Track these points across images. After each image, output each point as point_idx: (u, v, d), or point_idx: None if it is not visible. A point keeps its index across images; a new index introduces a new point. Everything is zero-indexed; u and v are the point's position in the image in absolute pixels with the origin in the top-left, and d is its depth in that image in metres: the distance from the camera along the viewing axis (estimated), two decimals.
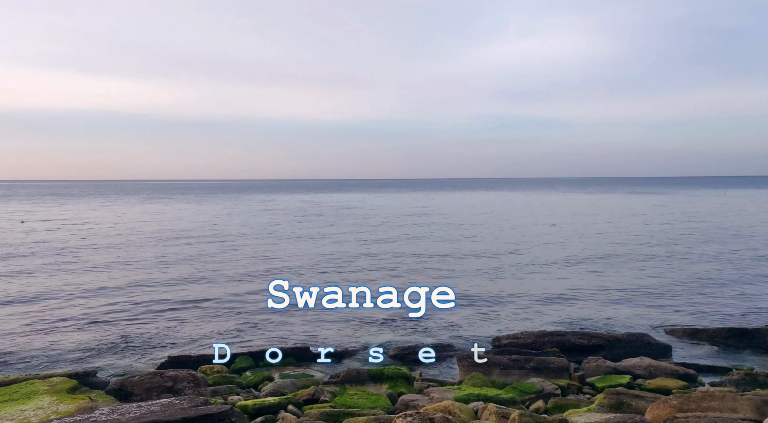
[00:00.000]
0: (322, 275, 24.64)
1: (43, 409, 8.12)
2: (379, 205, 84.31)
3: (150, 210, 74.58)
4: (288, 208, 77.93)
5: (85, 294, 20.57)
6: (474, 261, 29.02)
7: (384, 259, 29.56)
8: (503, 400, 9.19)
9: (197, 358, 13.09)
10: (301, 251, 32.52)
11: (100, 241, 37.67)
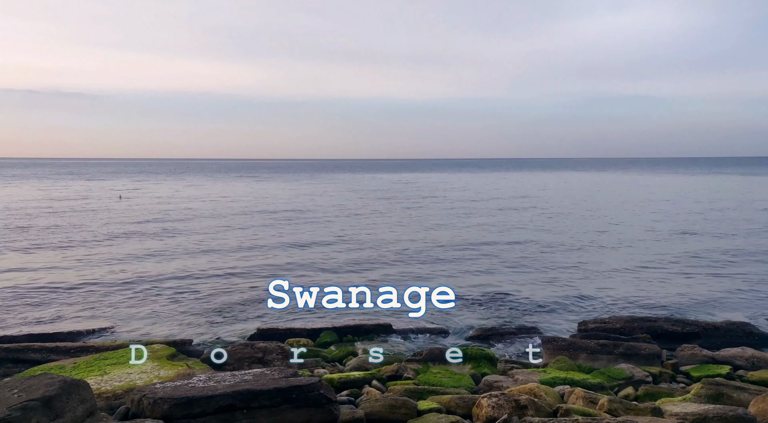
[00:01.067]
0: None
1: (146, 373, 8.68)
2: (477, 186, 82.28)
3: (245, 187, 77.47)
4: (380, 188, 78.11)
5: (182, 267, 21.73)
6: (560, 239, 28.29)
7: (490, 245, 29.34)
8: (590, 384, 8.96)
9: (284, 331, 13.57)
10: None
11: (200, 216, 39.58)
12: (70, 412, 5.80)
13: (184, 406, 6.18)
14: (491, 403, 7.13)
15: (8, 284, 18.57)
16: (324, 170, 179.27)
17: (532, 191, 69.83)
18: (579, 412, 6.98)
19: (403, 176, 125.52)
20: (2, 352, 10.20)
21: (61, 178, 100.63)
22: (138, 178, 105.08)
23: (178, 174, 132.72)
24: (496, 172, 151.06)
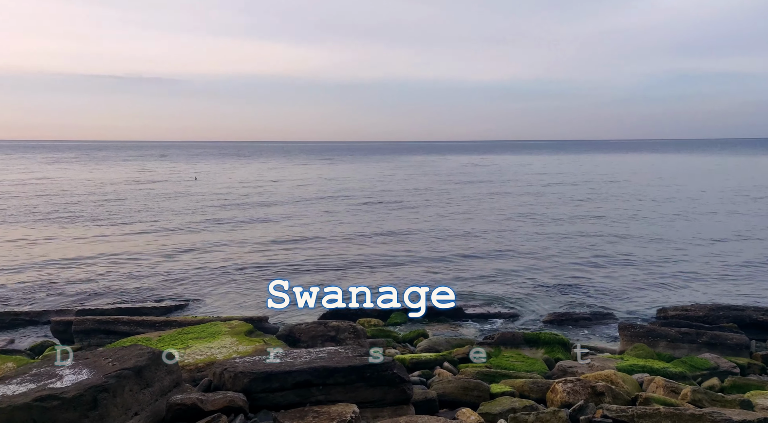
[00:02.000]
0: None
1: (225, 348, 9.03)
2: (556, 169, 78.67)
3: (322, 170, 78.84)
4: (459, 172, 77.05)
5: (255, 245, 22.40)
6: (642, 226, 27.27)
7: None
8: (672, 373, 8.63)
9: (356, 311, 13.77)
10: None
11: (280, 198, 40.64)
12: (159, 382, 6.11)
13: (263, 381, 6.38)
14: (566, 389, 7.00)
15: (98, 260, 19.71)
16: (396, 152, 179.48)
17: (621, 175, 66.78)
18: (660, 401, 6.74)
19: (475, 158, 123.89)
20: (95, 324, 10.86)
21: (145, 160, 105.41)
22: (217, 161, 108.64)
23: (255, 156, 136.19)
24: (570, 155, 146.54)
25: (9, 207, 34.36)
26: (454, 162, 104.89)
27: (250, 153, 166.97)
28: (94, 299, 15.10)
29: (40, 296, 15.45)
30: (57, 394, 5.25)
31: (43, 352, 10.80)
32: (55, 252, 21.14)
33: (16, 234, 24.95)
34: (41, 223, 28.04)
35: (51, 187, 48.84)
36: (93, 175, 64.73)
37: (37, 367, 6.19)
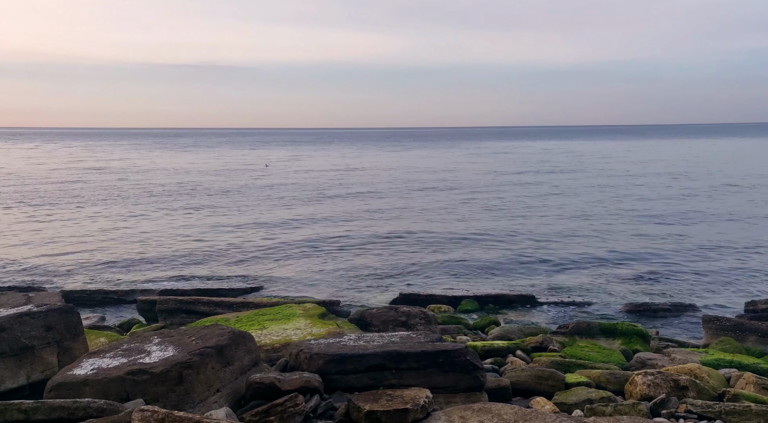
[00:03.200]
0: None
1: (300, 330, 9.25)
2: (643, 158, 72.77)
3: (394, 156, 79.25)
4: (545, 159, 75.27)
5: (333, 230, 22.79)
6: (730, 213, 25.90)
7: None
8: (763, 370, 8.17)
9: (426, 297, 13.81)
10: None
11: (354, 185, 41.19)
12: (239, 361, 6.34)
13: (338, 363, 6.50)
14: (647, 381, 6.76)
15: (179, 242, 20.60)
16: (469, 138, 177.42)
17: (711, 162, 63.00)
18: (750, 398, 6.40)
19: (555, 144, 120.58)
20: (177, 304, 11.37)
21: (221, 147, 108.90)
22: (288, 148, 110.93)
23: (326, 143, 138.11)
24: (651, 140, 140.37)
25: (105, 190, 36.36)
26: (530, 148, 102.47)
27: (321, 140, 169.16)
28: (176, 280, 15.81)
29: (127, 276, 16.32)
30: (146, 369, 5.54)
31: (131, 328, 11.42)
32: (139, 233, 22.22)
33: (109, 215, 26.40)
34: (129, 206, 29.54)
35: (139, 171, 51.28)
36: (173, 162, 67.47)
37: (128, 343, 6.54)
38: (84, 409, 4.77)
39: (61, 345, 7.16)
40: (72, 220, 25.49)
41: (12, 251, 19.30)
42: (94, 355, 6.30)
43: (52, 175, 47.45)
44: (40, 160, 69.97)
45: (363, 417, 5.67)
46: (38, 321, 7.03)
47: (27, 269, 17.04)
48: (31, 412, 4.66)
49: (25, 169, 53.88)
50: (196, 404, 5.59)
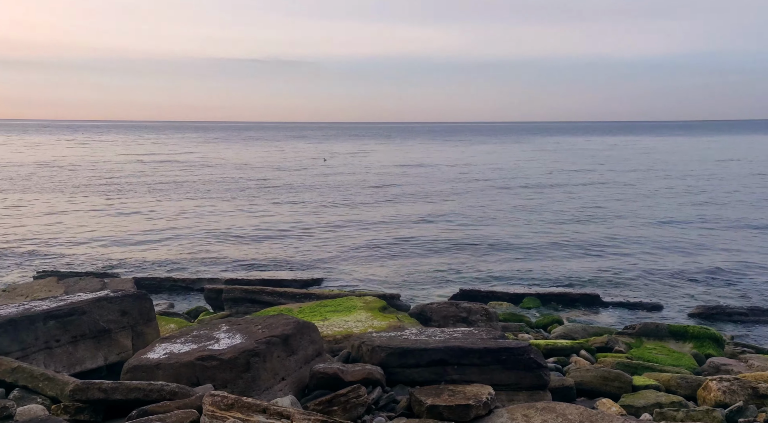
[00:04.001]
0: None
1: (361, 322, 9.34)
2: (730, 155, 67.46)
3: (450, 151, 78.91)
4: (620, 156, 70.94)
5: (392, 224, 22.89)
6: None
7: None
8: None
9: (486, 293, 13.68)
10: None
11: (418, 178, 41.27)
12: (303, 351, 6.46)
13: (399, 356, 6.53)
14: (722, 388, 6.47)
15: (244, 232, 21.16)
16: (534, 133, 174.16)
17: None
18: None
19: (623, 140, 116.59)
20: (242, 293, 11.68)
21: (284, 141, 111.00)
22: (351, 142, 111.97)
23: (387, 138, 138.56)
24: (740, 136, 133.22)
25: (175, 183, 37.75)
26: (598, 144, 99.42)
27: (382, 134, 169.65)
28: (241, 270, 16.25)
29: (194, 265, 16.90)
30: (215, 355, 5.72)
31: (198, 316, 11.81)
32: (206, 224, 22.95)
33: (179, 206, 27.41)
34: (197, 197, 30.55)
35: (207, 164, 52.93)
36: (239, 155, 69.23)
37: (197, 330, 6.78)
38: (158, 391, 4.97)
39: (135, 329, 7.49)
40: (146, 210, 26.57)
41: (90, 238, 20.30)
42: (166, 340, 6.56)
43: (126, 167, 49.55)
44: (118, 151, 73.15)
45: (425, 411, 5.67)
46: (115, 306, 7.38)
47: (102, 256, 17.88)
48: (110, 391, 4.90)
49: (103, 160, 56.49)
50: (262, 391, 5.74)
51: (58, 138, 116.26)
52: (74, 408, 4.95)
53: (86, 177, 41.10)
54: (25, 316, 6.59)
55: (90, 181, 38.23)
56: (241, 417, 4.29)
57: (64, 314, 6.82)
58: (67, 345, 6.78)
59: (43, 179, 39.35)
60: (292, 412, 4.35)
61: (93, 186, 35.90)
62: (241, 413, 4.33)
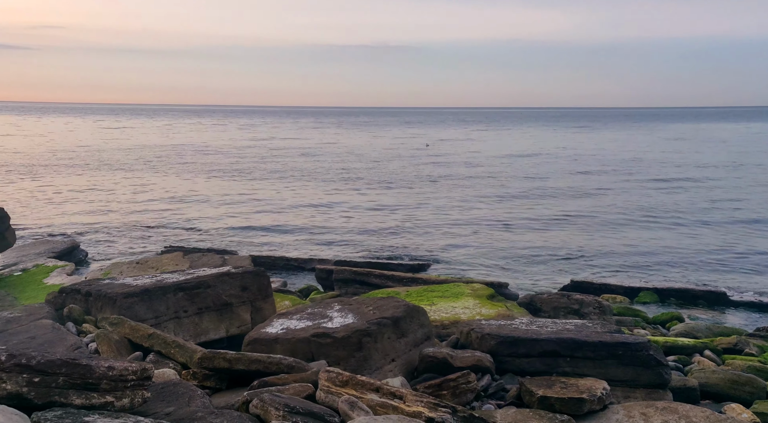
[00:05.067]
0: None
1: (469, 309, 9.30)
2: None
3: (572, 138, 76.37)
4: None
5: (500, 212, 22.56)
6: None
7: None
8: None
9: (599, 285, 13.13)
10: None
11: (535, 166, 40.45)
12: (412, 334, 6.53)
13: (510, 345, 6.44)
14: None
15: (349, 215, 21.67)
16: (652, 119, 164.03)
17: None
18: None
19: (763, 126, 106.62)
20: (351, 275, 11.99)
21: (392, 126, 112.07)
22: (457, 128, 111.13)
23: (495, 123, 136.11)
24: None
25: (293, 167, 39.32)
26: (730, 132, 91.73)
27: (489, 119, 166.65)
28: (349, 251, 16.67)
29: (305, 245, 17.54)
30: (329, 333, 5.92)
31: (309, 294, 12.26)
32: (311, 207, 23.72)
33: (295, 189, 28.55)
34: (306, 181, 31.64)
35: (320, 150, 54.60)
36: (349, 140, 70.73)
37: (311, 308, 7.03)
38: (277, 364, 5.21)
39: (254, 304, 7.90)
40: (257, 191, 27.87)
41: (213, 216, 21.60)
42: (283, 316, 6.86)
43: (246, 151, 52.09)
44: (240, 135, 77.06)
45: (536, 401, 5.56)
46: (236, 281, 7.81)
47: (220, 233, 18.98)
48: (233, 361, 5.20)
49: (223, 143, 59.79)
50: (373, 371, 5.87)
51: (183, 122, 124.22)
52: (202, 375, 5.31)
53: (208, 161, 43.66)
54: (158, 287, 7.14)
55: (213, 164, 40.58)
56: (355, 394, 4.41)
57: (191, 287, 7.32)
58: (193, 316, 7.28)
59: (173, 160, 42.30)
60: (404, 393, 4.41)
61: (214, 168, 38.08)
62: (356, 390, 4.45)
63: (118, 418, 3.61)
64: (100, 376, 3.83)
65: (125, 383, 3.97)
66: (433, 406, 4.26)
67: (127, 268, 12.23)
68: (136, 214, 22.07)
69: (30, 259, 13.28)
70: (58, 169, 35.88)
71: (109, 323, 6.25)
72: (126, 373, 3.97)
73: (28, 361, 3.68)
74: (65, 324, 6.70)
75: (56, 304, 7.36)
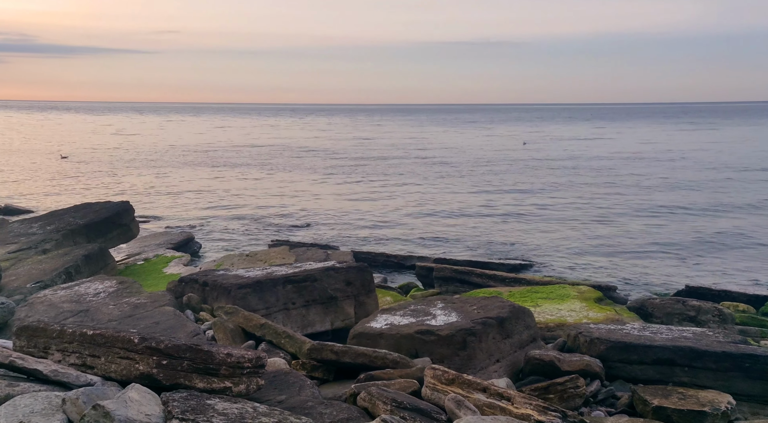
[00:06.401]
0: None
1: (575, 312, 8.98)
2: None
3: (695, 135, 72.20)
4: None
5: (607, 212, 21.66)
6: None
7: None
8: None
9: (718, 292, 12.24)
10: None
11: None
12: (518, 335, 6.41)
13: (621, 350, 6.16)
14: None
15: (446, 212, 21.56)
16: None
17: None
18: None
19: None
20: (452, 273, 11.93)
21: (495, 124, 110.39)
22: (562, 125, 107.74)
23: (601, 119, 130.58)
24: None
25: (392, 166, 39.83)
26: None
27: (597, 117, 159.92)
28: (449, 249, 16.59)
29: (403, 242, 17.65)
30: (433, 330, 5.92)
31: (409, 291, 12.32)
32: (411, 204, 23.81)
33: (397, 185, 28.88)
34: (410, 179, 31.86)
35: (419, 147, 54.88)
36: (450, 138, 70.44)
37: (414, 304, 7.07)
38: (382, 359, 5.28)
39: (357, 299, 8.05)
40: (358, 187, 28.38)
41: (315, 211, 22.26)
42: (387, 311, 6.94)
43: (349, 149, 53.27)
44: (348, 134, 78.86)
45: (650, 412, 5.29)
46: (341, 275, 8.00)
47: (324, 228, 19.50)
48: (340, 354, 5.33)
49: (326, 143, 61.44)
50: (477, 370, 5.81)
51: (291, 120, 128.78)
52: (310, 365, 5.48)
53: (317, 158, 45.01)
54: (269, 279, 7.44)
55: (316, 160, 41.81)
56: (462, 393, 4.39)
57: (299, 280, 7.57)
58: (300, 308, 7.53)
59: (286, 158, 44.01)
60: (512, 394, 4.33)
61: (315, 165, 39.21)
62: (462, 389, 4.42)
63: (237, 403, 3.79)
64: (219, 362, 4.04)
65: (242, 370, 4.16)
66: (542, 410, 4.16)
67: (238, 260, 12.83)
68: (244, 208, 23.14)
69: (151, 249, 14.27)
70: (176, 165, 38.31)
71: (225, 312, 6.59)
72: (243, 360, 4.16)
73: (157, 344, 3.95)
74: (184, 311, 7.14)
75: (176, 292, 7.86)
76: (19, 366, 4.04)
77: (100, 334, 4.16)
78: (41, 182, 29.71)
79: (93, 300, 7.54)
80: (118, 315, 6.84)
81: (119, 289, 7.84)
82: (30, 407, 3.40)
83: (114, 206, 12.86)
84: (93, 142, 59.37)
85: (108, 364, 4.04)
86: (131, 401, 3.42)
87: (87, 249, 10.17)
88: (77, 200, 21.04)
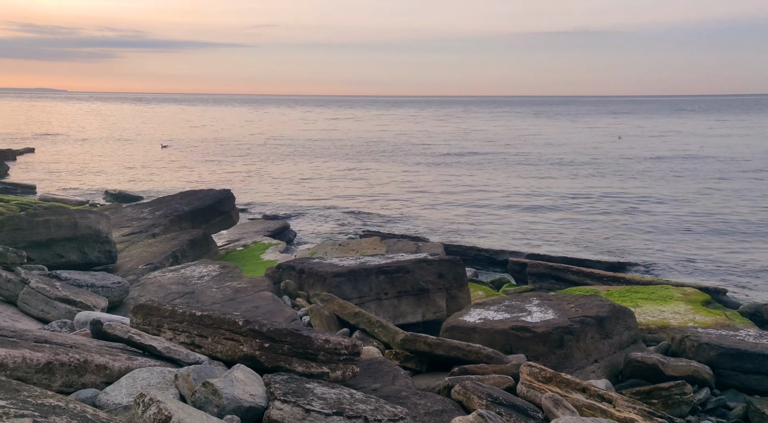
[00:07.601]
0: None
1: (680, 314, 8.49)
2: None
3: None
4: None
5: (710, 209, 20.36)
6: None
7: None
8: None
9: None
10: None
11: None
12: (617, 336, 6.14)
13: (734, 358, 5.77)
14: None
15: (539, 208, 20.99)
16: None
17: None
18: None
19: None
20: (547, 269, 11.62)
21: (596, 116, 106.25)
22: (669, 118, 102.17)
23: (716, 112, 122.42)
24: None
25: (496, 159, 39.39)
26: None
27: (712, 108, 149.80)
28: (542, 244, 16.16)
29: (494, 236, 17.37)
30: (529, 327, 5.79)
31: (501, 287, 12.11)
32: (502, 197, 23.37)
33: (492, 178, 28.52)
34: (503, 172, 31.33)
35: (516, 141, 53.85)
36: (542, 130, 68.60)
37: (508, 300, 6.94)
38: (476, 353, 5.22)
39: (449, 292, 8.00)
40: (450, 181, 28.19)
41: (405, 202, 22.35)
42: (480, 306, 6.86)
43: (454, 143, 53.09)
44: (430, 125, 78.78)
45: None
46: (433, 268, 7.98)
47: (412, 220, 19.53)
48: (434, 346, 5.32)
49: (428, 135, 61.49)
50: (574, 370, 5.63)
51: (378, 112, 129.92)
52: (403, 355, 5.51)
53: (416, 150, 45.21)
54: (363, 269, 7.55)
55: (414, 153, 41.96)
56: (560, 392, 4.26)
57: (392, 271, 7.63)
58: (393, 298, 7.58)
59: (375, 149, 44.55)
60: (614, 397, 4.16)
61: (417, 156, 39.33)
62: (560, 388, 4.30)
63: (334, 388, 3.87)
64: (318, 347, 4.14)
65: (339, 356, 4.24)
66: (647, 415, 3.96)
67: (331, 248, 13.11)
68: (337, 199, 23.60)
69: (249, 236, 14.86)
70: (274, 156, 39.66)
71: (321, 299, 6.75)
72: (339, 347, 4.24)
73: (260, 327, 4.09)
74: (282, 297, 7.38)
75: (274, 278, 8.14)
76: (137, 341, 4.32)
77: (208, 315, 4.37)
78: (147, 171, 31.65)
79: (198, 283, 7.95)
80: (221, 298, 7.17)
81: (221, 273, 8.21)
82: (147, 380, 3.64)
83: (216, 194, 13.49)
84: (238, 132, 61.91)
85: (214, 345, 4.23)
86: (237, 381, 3.57)
87: (192, 234, 10.73)
88: (179, 187, 22.27)
